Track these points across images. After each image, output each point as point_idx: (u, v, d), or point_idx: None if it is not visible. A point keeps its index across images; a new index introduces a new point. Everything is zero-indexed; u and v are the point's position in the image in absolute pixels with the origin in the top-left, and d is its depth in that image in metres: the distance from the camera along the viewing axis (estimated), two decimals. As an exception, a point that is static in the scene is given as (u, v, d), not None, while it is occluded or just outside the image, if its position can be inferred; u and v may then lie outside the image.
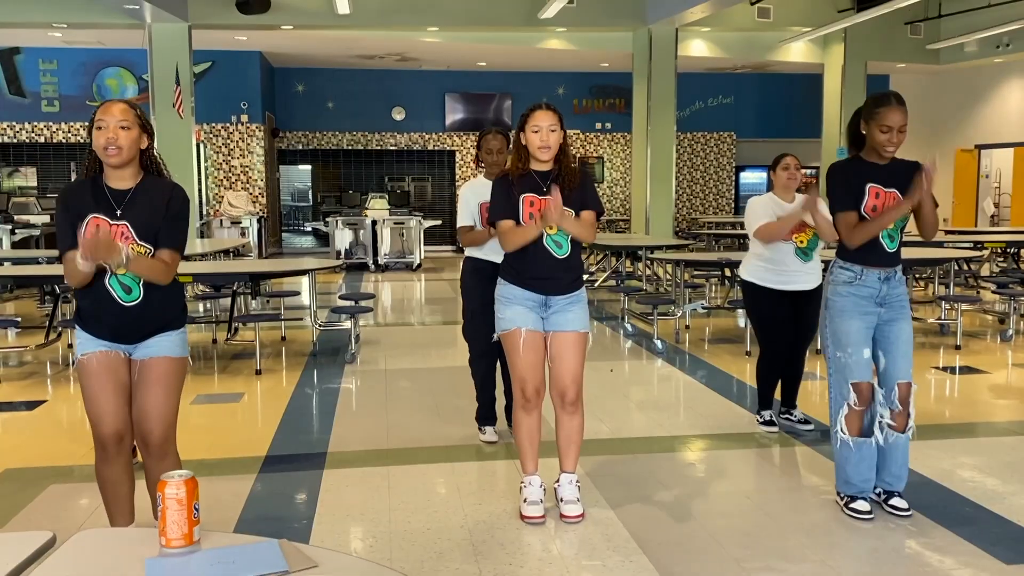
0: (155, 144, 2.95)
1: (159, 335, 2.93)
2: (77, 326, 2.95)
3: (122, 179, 2.85)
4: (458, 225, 4.44)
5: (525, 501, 3.53)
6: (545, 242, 3.44)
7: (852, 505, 3.53)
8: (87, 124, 2.85)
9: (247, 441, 4.73)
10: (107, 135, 2.75)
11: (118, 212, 2.82)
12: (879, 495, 3.61)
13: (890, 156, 3.45)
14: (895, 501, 3.55)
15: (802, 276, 4.64)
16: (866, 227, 3.42)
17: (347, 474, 4.14)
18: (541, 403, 3.55)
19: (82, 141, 15.00)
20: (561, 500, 3.55)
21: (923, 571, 3.06)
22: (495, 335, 3.60)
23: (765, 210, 4.63)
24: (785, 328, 4.68)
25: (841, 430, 3.53)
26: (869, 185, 3.45)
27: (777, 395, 4.87)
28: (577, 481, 3.58)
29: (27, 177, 15.43)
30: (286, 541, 1.65)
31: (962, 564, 3.11)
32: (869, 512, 3.49)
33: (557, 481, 3.59)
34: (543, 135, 3.38)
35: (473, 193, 4.33)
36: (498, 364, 4.54)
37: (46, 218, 12.29)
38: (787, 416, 4.83)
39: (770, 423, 4.77)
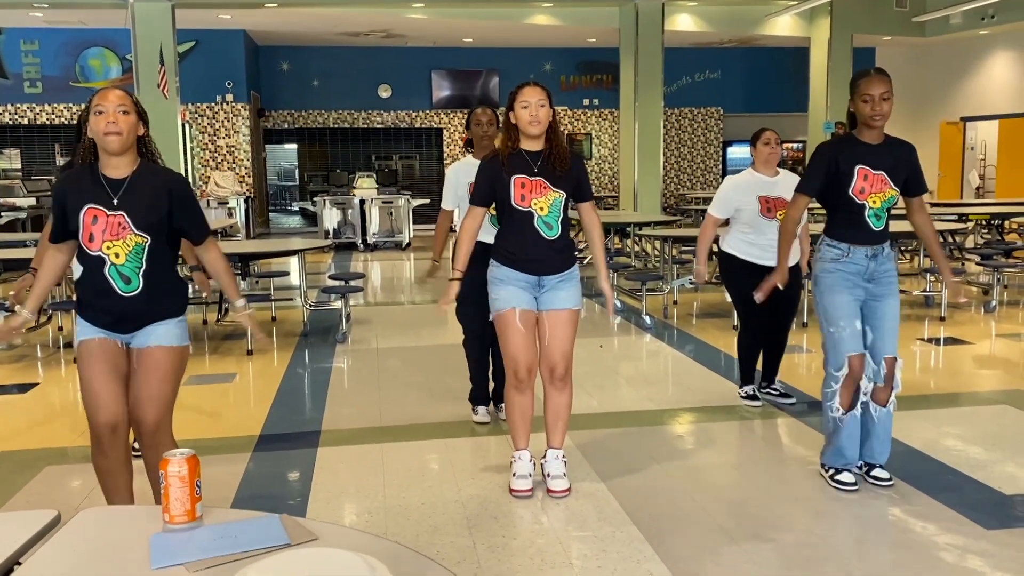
0: (149, 131, 2.95)
1: (157, 323, 2.93)
2: (77, 313, 2.96)
3: (118, 167, 2.83)
4: (441, 206, 4.48)
5: (515, 475, 3.59)
6: (536, 224, 3.46)
7: (837, 477, 3.60)
8: (73, 106, 2.86)
9: (240, 421, 4.76)
10: (107, 119, 2.75)
11: (115, 202, 2.81)
12: (860, 467, 3.68)
13: (878, 126, 3.46)
14: (876, 472, 3.62)
15: None
16: (781, 240, 3.82)
17: (341, 452, 4.19)
18: (533, 383, 3.59)
19: (67, 122, 14.87)
20: (548, 475, 3.60)
21: (906, 537, 3.14)
22: (490, 316, 3.63)
23: (726, 200, 4.74)
24: (764, 303, 4.72)
25: (832, 406, 3.58)
26: (858, 167, 3.48)
27: (760, 369, 4.94)
28: (564, 456, 3.64)
29: (11, 159, 15.28)
30: (287, 515, 1.70)
31: (944, 530, 3.18)
32: (854, 484, 3.57)
33: (544, 457, 3.65)
34: (532, 110, 3.39)
35: (464, 173, 4.32)
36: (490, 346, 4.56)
37: (32, 200, 12.20)
38: (768, 391, 4.90)
39: (752, 397, 4.83)
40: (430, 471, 3.90)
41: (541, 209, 3.45)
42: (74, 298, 3.03)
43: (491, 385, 4.66)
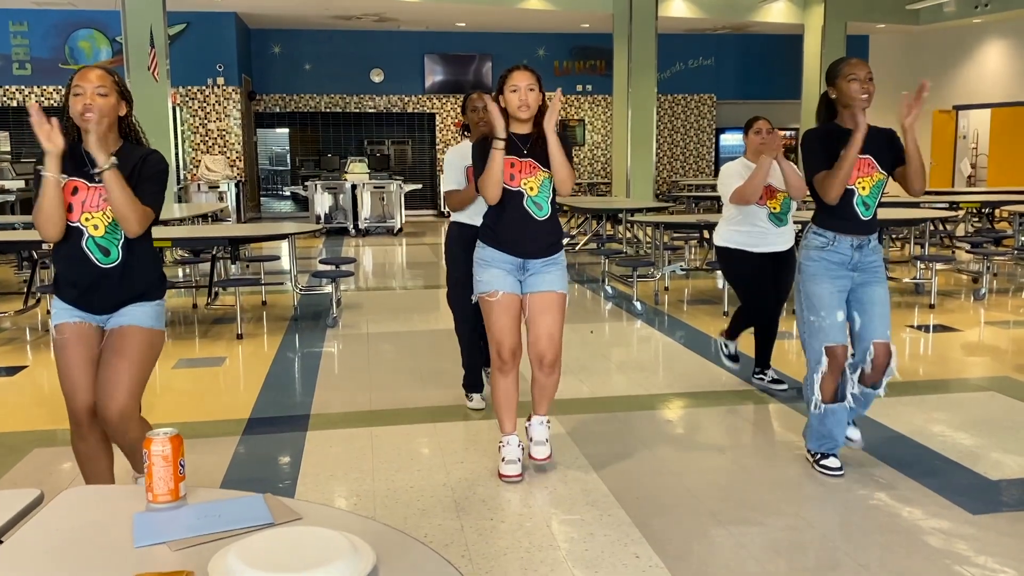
0: (133, 111, 2.92)
1: (134, 304, 2.87)
2: (54, 295, 2.92)
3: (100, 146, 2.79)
4: (444, 190, 4.44)
5: (503, 460, 3.60)
6: (526, 204, 3.46)
7: (823, 462, 3.61)
8: (63, 89, 2.81)
9: (230, 404, 4.75)
10: (84, 101, 2.71)
11: (96, 177, 2.79)
12: None
13: (866, 105, 3.45)
14: (849, 432, 3.70)
15: (776, 238, 4.69)
16: (834, 173, 3.38)
17: (331, 435, 4.18)
18: (518, 364, 3.59)
19: (56, 105, 14.76)
20: (531, 440, 3.62)
21: (892, 521, 3.16)
22: (473, 297, 3.64)
23: (737, 174, 4.68)
24: (766, 284, 4.73)
25: (816, 396, 3.58)
26: (843, 152, 3.47)
27: (752, 358, 4.95)
28: (548, 422, 3.65)
29: (0, 142, 15.17)
30: (271, 495, 1.69)
31: (930, 515, 3.20)
32: (840, 469, 3.58)
33: (528, 420, 3.66)
34: (521, 94, 3.39)
35: (460, 156, 4.30)
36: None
37: (21, 183, 12.12)
38: (760, 376, 4.91)
39: (734, 358, 4.94)
40: (419, 455, 3.90)
41: (531, 189, 3.45)
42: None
43: (484, 372, 4.66)
